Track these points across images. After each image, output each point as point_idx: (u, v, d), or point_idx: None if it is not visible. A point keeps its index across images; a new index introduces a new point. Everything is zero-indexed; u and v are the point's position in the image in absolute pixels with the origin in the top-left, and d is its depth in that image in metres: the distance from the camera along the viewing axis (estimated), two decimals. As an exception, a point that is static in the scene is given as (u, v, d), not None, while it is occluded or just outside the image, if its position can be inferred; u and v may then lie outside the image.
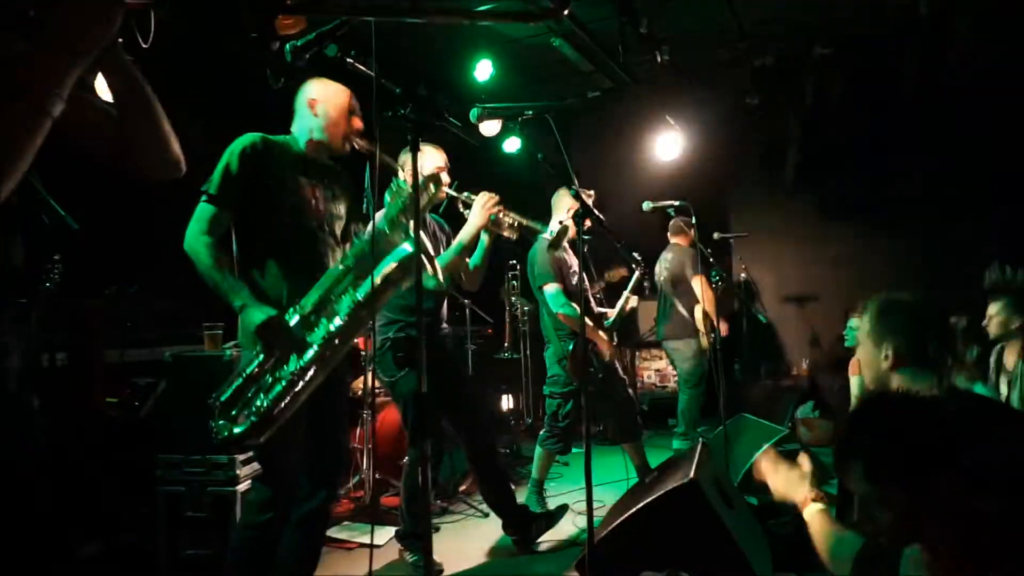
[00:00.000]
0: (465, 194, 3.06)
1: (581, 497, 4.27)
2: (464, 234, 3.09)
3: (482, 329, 6.12)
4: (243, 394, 2.15)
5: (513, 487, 3.60)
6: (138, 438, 3.35)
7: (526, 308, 6.14)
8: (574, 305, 3.95)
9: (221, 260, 2.22)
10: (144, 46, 1.34)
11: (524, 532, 3.48)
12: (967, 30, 5.16)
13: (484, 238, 3.21)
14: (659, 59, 5.52)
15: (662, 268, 5.70)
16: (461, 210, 3.14)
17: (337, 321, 2.21)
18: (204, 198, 2.26)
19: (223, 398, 2.14)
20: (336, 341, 2.20)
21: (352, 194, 2.64)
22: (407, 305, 3.24)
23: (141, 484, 3.21)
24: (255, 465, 2.97)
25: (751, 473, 3.89)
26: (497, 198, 3.08)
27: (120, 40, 1.31)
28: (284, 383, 2.14)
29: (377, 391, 4.12)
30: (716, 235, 5.22)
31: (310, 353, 2.17)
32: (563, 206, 4.06)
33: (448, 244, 3.32)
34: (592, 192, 3.90)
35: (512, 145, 6.35)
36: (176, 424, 3.19)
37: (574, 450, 5.50)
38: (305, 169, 2.44)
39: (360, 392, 4.53)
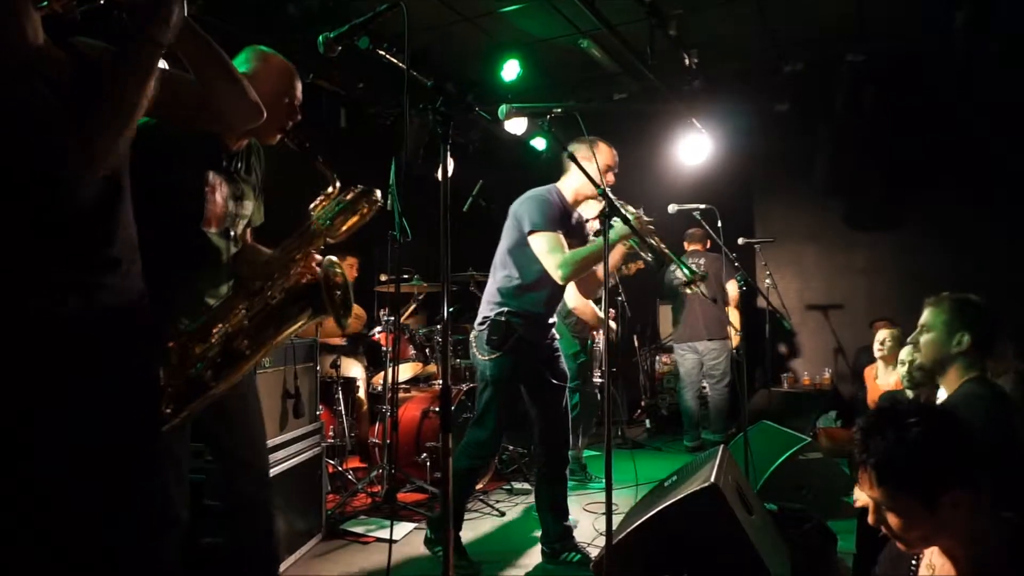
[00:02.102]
0: (619, 202, 3.02)
1: (596, 499, 4.30)
2: (610, 237, 3.00)
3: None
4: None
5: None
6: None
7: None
8: (586, 300, 4.01)
9: None
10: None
11: (553, 555, 3.31)
12: (1002, 40, 5.08)
13: (620, 248, 3.21)
14: (688, 62, 5.50)
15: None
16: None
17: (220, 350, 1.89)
18: None
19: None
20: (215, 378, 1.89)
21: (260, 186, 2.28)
22: (515, 288, 3.18)
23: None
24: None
25: (772, 480, 3.88)
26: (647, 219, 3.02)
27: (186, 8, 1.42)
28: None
29: (401, 386, 4.10)
30: (741, 240, 5.16)
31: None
32: None
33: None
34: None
35: (539, 144, 6.36)
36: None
37: (589, 452, 5.49)
38: (214, 156, 2.06)
39: (380, 387, 4.55)
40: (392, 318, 4.50)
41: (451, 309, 2.04)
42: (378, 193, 2.11)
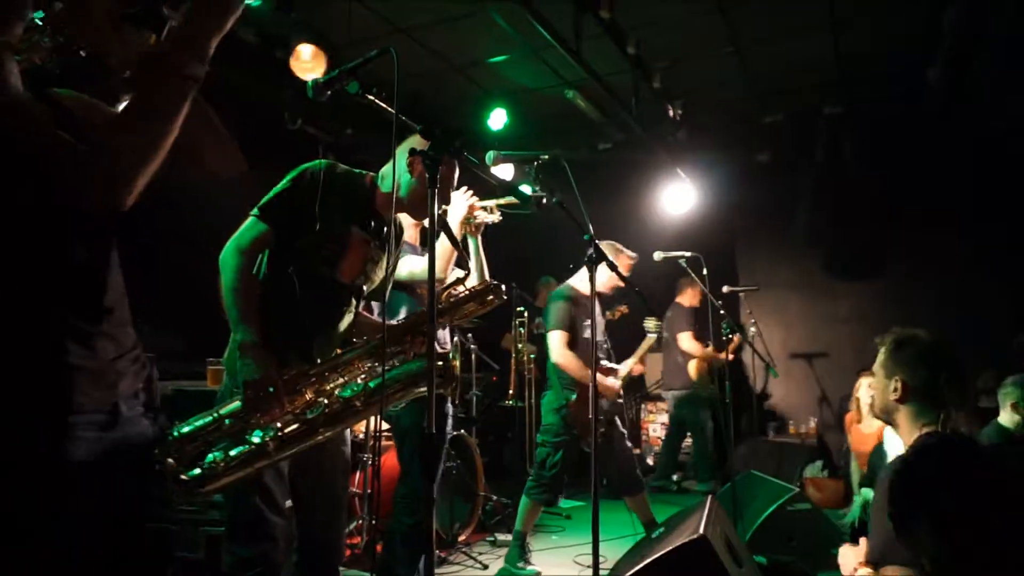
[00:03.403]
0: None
1: (583, 551, 4.20)
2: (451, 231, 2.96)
3: (487, 376, 6.07)
4: (203, 434, 1.86)
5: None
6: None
7: (531, 355, 6.10)
8: (574, 356, 3.95)
9: (246, 285, 2.05)
10: None
11: None
12: (977, 91, 5.22)
13: (471, 241, 3.05)
14: (672, 113, 5.60)
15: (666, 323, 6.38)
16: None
17: (335, 406, 1.97)
18: (253, 211, 2.11)
19: (182, 431, 1.84)
20: (324, 426, 1.96)
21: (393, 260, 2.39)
22: None
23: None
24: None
25: (760, 531, 3.81)
26: (467, 189, 2.89)
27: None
28: (248, 448, 1.86)
29: (384, 433, 4.01)
30: (725, 289, 5.19)
31: (291, 427, 1.92)
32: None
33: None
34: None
35: (525, 191, 6.37)
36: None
37: (574, 503, 5.40)
38: (364, 216, 2.24)
39: (361, 435, 4.45)
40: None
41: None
42: (504, 287, 2.35)
